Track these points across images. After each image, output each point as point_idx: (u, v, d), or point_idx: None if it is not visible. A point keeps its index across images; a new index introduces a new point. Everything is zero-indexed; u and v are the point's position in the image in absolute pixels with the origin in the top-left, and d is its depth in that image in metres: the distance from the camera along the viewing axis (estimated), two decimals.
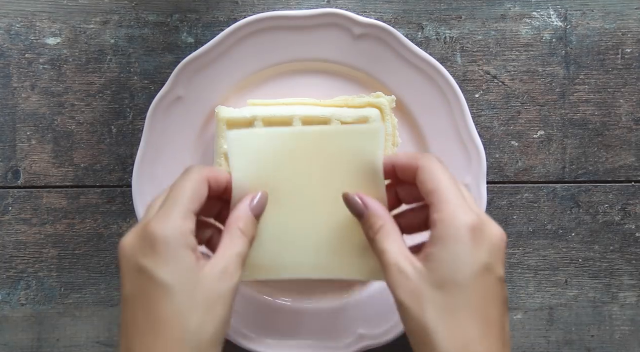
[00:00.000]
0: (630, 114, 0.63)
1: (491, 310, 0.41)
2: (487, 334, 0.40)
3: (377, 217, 0.44)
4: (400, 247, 0.43)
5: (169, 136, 0.60)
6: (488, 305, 0.41)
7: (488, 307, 0.41)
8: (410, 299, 0.41)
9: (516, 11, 0.63)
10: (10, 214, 0.63)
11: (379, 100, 0.59)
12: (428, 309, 0.40)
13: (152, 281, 0.41)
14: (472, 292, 0.40)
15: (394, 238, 0.43)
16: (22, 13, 0.63)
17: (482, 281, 0.40)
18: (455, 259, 0.40)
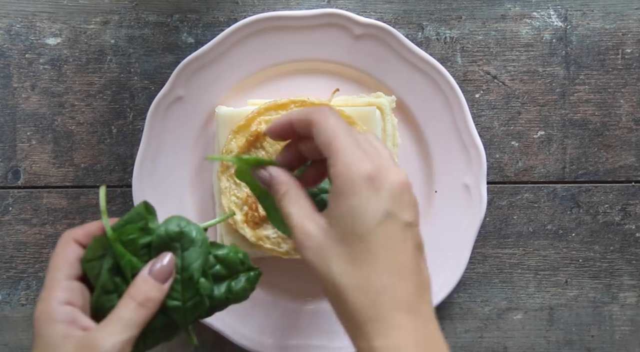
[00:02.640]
0: (630, 114, 0.63)
1: (400, 257, 0.40)
2: (399, 281, 0.40)
3: (280, 184, 0.43)
4: (303, 208, 0.42)
5: (169, 136, 0.60)
6: (395, 252, 0.40)
7: (396, 254, 0.40)
8: (315, 257, 0.41)
9: (516, 11, 0.63)
10: (10, 214, 0.63)
11: (379, 100, 0.59)
12: (333, 265, 0.40)
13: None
14: (375, 241, 0.40)
15: (297, 200, 0.42)
16: (22, 13, 0.63)
17: (385, 229, 0.40)
18: (353, 210, 0.40)
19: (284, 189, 0.43)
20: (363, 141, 0.43)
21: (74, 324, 0.42)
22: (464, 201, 0.60)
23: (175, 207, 0.61)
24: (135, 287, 0.43)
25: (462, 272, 0.60)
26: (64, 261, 0.44)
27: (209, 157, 0.54)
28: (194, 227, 0.45)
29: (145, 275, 0.43)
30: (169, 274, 0.44)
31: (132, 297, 0.43)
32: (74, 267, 0.44)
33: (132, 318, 0.42)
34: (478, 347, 0.63)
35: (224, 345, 0.62)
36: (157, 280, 0.43)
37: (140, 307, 0.42)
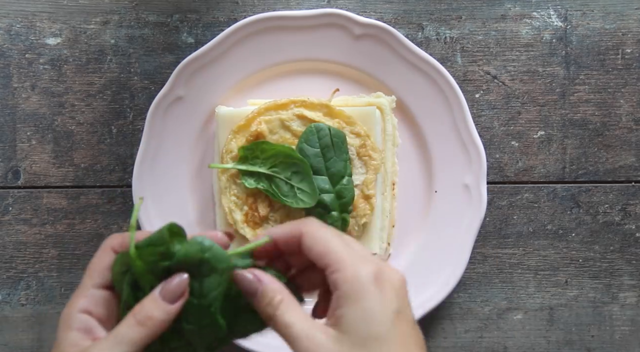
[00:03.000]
0: (630, 114, 0.63)
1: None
2: None
3: (274, 291, 0.42)
4: (305, 317, 0.41)
5: (169, 136, 0.60)
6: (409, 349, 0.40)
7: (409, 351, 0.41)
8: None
9: (516, 11, 0.63)
10: (10, 214, 0.63)
11: (379, 100, 0.59)
12: None
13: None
14: (392, 342, 0.40)
15: (296, 309, 0.41)
16: (22, 13, 0.63)
17: (398, 328, 0.40)
18: (369, 313, 0.40)
19: (279, 298, 0.42)
20: (352, 244, 0.43)
21: (88, 333, 0.42)
22: (464, 201, 0.60)
23: (175, 207, 0.61)
24: (141, 305, 0.42)
25: (462, 272, 0.60)
26: (96, 268, 0.43)
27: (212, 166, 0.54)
28: (217, 254, 0.42)
29: (155, 295, 0.42)
30: (178, 295, 0.42)
31: (133, 315, 0.42)
32: (105, 276, 0.43)
33: (128, 335, 0.41)
34: (478, 347, 0.63)
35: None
36: (164, 300, 0.42)
37: (138, 325, 0.42)
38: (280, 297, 0.42)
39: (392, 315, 0.40)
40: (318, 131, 0.57)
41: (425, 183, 0.62)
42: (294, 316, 0.41)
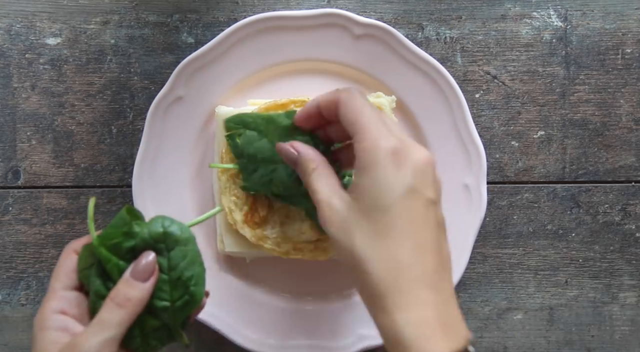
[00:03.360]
0: (630, 114, 0.63)
1: (423, 232, 0.40)
2: (421, 257, 0.40)
3: (309, 160, 0.44)
4: (330, 184, 0.43)
5: (169, 136, 0.60)
6: (417, 228, 0.40)
7: (418, 229, 0.40)
8: (339, 231, 0.41)
9: (516, 11, 0.63)
10: (10, 214, 0.63)
11: (379, 100, 0.59)
12: (356, 238, 0.40)
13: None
14: (397, 215, 0.40)
15: (325, 177, 0.43)
16: (22, 13, 0.63)
17: (408, 204, 0.40)
18: (377, 184, 0.40)
19: (312, 166, 0.44)
20: (388, 120, 0.43)
21: (66, 331, 0.43)
22: (464, 201, 0.60)
23: (175, 207, 0.61)
24: (116, 289, 0.44)
25: (462, 272, 0.60)
26: (62, 271, 0.45)
27: (212, 165, 0.55)
28: (177, 226, 0.45)
29: (126, 276, 0.44)
30: (149, 273, 0.44)
31: (111, 299, 0.44)
32: (71, 278, 0.45)
33: (111, 318, 0.43)
34: (478, 347, 0.63)
35: (224, 345, 0.62)
36: (137, 280, 0.44)
37: (118, 307, 0.43)
38: (314, 165, 0.44)
39: (403, 190, 0.40)
40: None
41: None
42: (322, 183, 0.43)
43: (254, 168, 0.53)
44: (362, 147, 0.41)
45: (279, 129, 0.51)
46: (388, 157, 0.40)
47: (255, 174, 0.53)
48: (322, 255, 0.58)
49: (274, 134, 0.52)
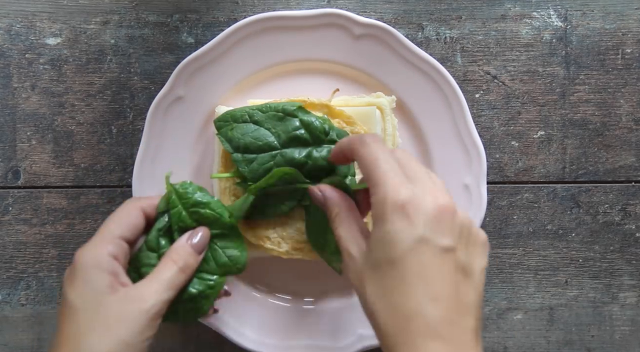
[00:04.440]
0: (630, 114, 0.63)
1: (434, 282, 0.39)
2: (430, 308, 0.39)
3: (334, 205, 0.46)
4: (352, 231, 0.44)
5: (169, 136, 0.60)
6: (428, 278, 0.39)
7: (428, 280, 0.39)
8: (355, 280, 0.42)
9: (516, 11, 0.63)
10: (10, 214, 0.63)
11: (379, 100, 0.59)
12: (368, 289, 0.41)
13: (65, 302, 0.45)
14: (406, 268, 0.39)
15: (348, 223, 0.44)
16: (22, 13, 0.63)
17: (417, 255, 0.39)
18: (386, 238, 0.40)
19: (336, 210, 0.45)
20: (406, 165, 0.43)
21: (116, 277, 0.45)
22: (464, 201, 0.60)
23: None
24: (177, 252, 0.47)
25: None
26: (126, 221, 0.47)
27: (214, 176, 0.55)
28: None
29: (184, 242, 0.48)
30: (204, 247, 0.49)
31: (174, 261, 0.47)
32: (131, 232, 0.47)
33: (173, 280, 0.46)
34: None
35: (224, 345, 0.62)
36: (195, 251, 0.48)
37: (180, 271, 0.47)
38: (337, 210, 0.45)
39: (411, 242, 0.39)
40: None
41: None
42: (344, 229, 0.44)
43: (251, 158, 0.54)
44: (374, 200, 0.41)
45: (277, 116, 0.53)
46: (396, 211, 0.40)
47: (254, 163, 0.54)
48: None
49: (272, 120, 0.53)
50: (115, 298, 0.44)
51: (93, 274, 0.44)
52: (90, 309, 0.43)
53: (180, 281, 0.47)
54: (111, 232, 0.46)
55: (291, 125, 0.54)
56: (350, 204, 0.46)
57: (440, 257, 0.40)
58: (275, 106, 0.55)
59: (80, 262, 0.45)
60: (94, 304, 0.44)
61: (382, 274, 0.40)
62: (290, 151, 0.54)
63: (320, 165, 0.54)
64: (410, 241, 0.40)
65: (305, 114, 0.54)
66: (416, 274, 0.39)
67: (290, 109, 0.54)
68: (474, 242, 0.42)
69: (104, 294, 0.44)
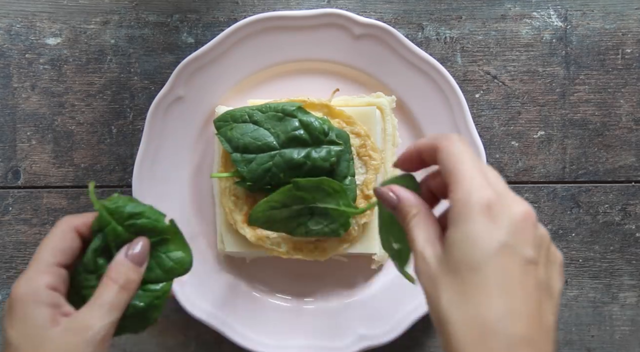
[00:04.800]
0: (630, 114, 0.63)
1: (516, 296, 0.36)
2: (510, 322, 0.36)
3: (410, 206, 0.42)
4: (427, 233, 0.40)
5: (169, 136, 0.60)
6: (511, 289, 0.36)
7: (511, 292, 0.36)
8: (427, 284, 0.39)
9: (516, 11, 0.63)
10: (10, 214, 0.63)
11: (379, 100, 0.59)
12: (442, 294, 0.37)
13: (6, 341, 0.42)
14: (488, 274, 0.36)
15: (424, 225, 0.41)
16: (22, 13, 0.63)
17: (501, 262, 0.36)
18: (468, 239, 0.37)
19: (413, 211, 0.42)
20: (487, 169, 0.40)
21: (57, 309, 0.43)
22: None
23: (175, 207, 0.61)
24: (116, 270, 0.45)
25: None
26: (60, 247, 0.45)
27: (214, 175, 0.55)
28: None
29: (122, 258, 0.45)
30: (144, 257, 0.46)
31: (113, 280, 0.44)
32: (66, 257, 0.45)
33: (116, 301, 0.44)
34: None
35: (224, 345, 0.62)
36: (135, 263, 0.45)
37: (122, 290, 0.44)
38: (415, 211, 0.42)
39: (496, 246, 0.36)
40: None
41: None
42: (420, 231, 0.41)
43: (250, 158, 0.54)
44: (455, 198, 0.38)
45: (277, 116, 0.53)
46: (481, 211, 0.37)
47: (252, 164, 0.54)
48: (322, 255, 0.58)
49: (272, 120, 0.53)
50: (58, 331, 0.42)
51: (32, 309, 0.42)
52: (32, 347, 0.41)
53: (123, 299, 0.44)
54: (46, 261, 0.44)
55: (290, 126, 0.54)
56: (426, 206, 0.42)
57: (523, 269, 0.37)
58: (275, 106, 0.55)
59: (17, 298, 0.42)
60: (36, 341, 0.41)
61: (461, 279, 0.37)
62: (289, 151, 0.54)
63: (319, 166, 0.54)
64: (494, 245, 0.37)
65: (304, 114, 0.54)
66: (499, 283, 0.36)
67: (290, 109, 0.54)
68: (553, 260, 0.40)
69: (45, 328, 0.42)
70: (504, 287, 0.36)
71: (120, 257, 0.45)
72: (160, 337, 0.63)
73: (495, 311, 0.36)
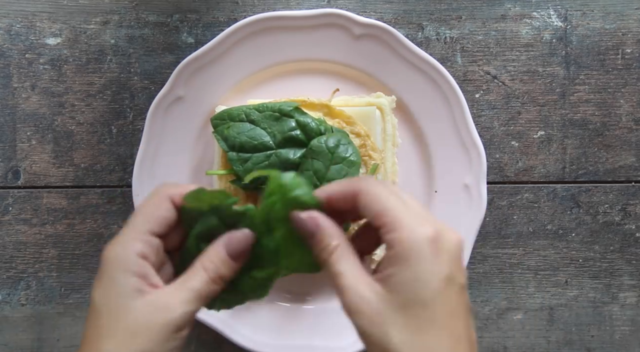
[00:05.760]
0: (630, 114, 0.63)
1: (458, 323, 0.39)
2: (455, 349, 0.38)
3: (331, 236, 0.41)
4: (357, 269, 0.40)
5: (169, 136, 0.60)
6: (454, 318, 0.39)
7: (454, 320, 0.39)
8: (371, 325, 0.39)
9: (516, 11, 0.63)
10: (10, 214, 0.63)
11: (379, 100, 0.59)
12: (392, 333, 0.38)
13: (91, 303, 0.41)
14: (437, 308, 0.38)
15: (350, 259, 0.40)
16: (22, 13, 0.63)
17: (447, 294, 0.38)
18: (418, 277, 0.38)
19: (334, 243, 0.41)
20: (410, 202, 0.41)
21: (145, 279, 0.41)
22: (464, 201, 0.60)
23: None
24: (209, 260, 0.42)
25: None
26: (155, 215, 0.42)
27: (209, 173, 0.55)
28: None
29: (220, 249, 0.42)
30: (243, 253, 0.43)
31: (205, 269, 0.42)
32: (161, 226, 0.43)
33: (203, 290, 0.42)
34: (478, 347, 0.63)
35: (224, 345, 0.62)
36: (232, 257, 0.42)
37: (211, 281, 0.42)
38: (336, 243, 0.41)
39: (442, 281, 0.38)
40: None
41: (425, 183, 0.62)
42: (347, 265, 0.40)
43: (246, 158, 0.54)
44: (397, 238, 0.39)
45: (274, 116, 0.53)
46: (428, 248, 0.38)
47: (248, 163, 0.53)
48: None
49: (268, 120, 0.53)
50: (141, 303, 0.40)
51: (119, 276, 0.41)
52: (114, 313, 0.40)
53: (210, 291, 0.42)
54: (139, 228, 0.42)
55: (287, 126, 0.54)
56: (346, 237, 0.41)
57: (461, 296, 0.39)
58: (272, 106, 0.55)
59: (107, 262, 0.41)
60: (118, 309, 0.40)
61: (412, 316, 0.38)
62: (285, 152, 0.54)
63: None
64: (440, 279, 0.38)
65: (301, 114, 0.54)
66: (447, 314, 0.38)
67: (287, 109, 0.54)
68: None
69: (130, 298, 0.40)
70: (449, 318, 0.38)
71: (219, 248, 0.43)
72: None
73: (445, 342, 0.38)
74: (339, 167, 0.53)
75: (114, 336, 0.40)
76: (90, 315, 0.41)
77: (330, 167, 0.53)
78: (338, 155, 0.54)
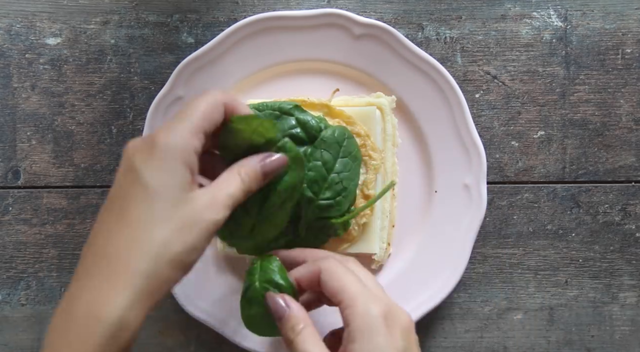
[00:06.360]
0: (630, 114, 0.63)
1: None
2: None
3: (298, 318, 0.45)
4: (321, 348, 0.44)
5: None
6: None
7: None
8: None
9: (516, 11, 0.63)
10: (10, 214, 0.63)
11: (379, 100, 0.59)
12: None
13: (138, 181, 0.39)
14: None
15: (315, 341, 0.44)
16: (22, 13, 0.63)
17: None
18: (377, 349, 0.41)
19: (301, 325, 0.44)
20: (366, 281, 0.45)
21: (193, 176, 0.41)
22: (464, 201, 0.60)
23: None
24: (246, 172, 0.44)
25: (462, 272, 0.60)
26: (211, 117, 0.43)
27: None
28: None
29: (255, 163, 0.44)
30: (272, 172, 0.45)
31: (242, 181, 0.43)
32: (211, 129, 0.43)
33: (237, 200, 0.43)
34: (478, 347, 0.63)
35: (224, 345, 0.62)
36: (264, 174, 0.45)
37: (242, 192, 0.43)
38: (302, 325, 0.44)
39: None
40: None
41: (425, 183, 0.62)
42: (311, 345, 0.44)
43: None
44: (354, 313, 0.43)
45: (274, 114, 0.54)
46: (381, 322, 0.42)
47: None
48: None
49: (269, 119, 0.54)
50: (192, 198, 0.40)
51: (179, 167, 0.40)
52: (172, 201, 0.39)
53: (239, 200, 0.43)
54: (197, 124, 0.41)
55: (287, 124, 0.54)
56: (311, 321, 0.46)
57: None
58: (272, 105, 0.55)
59: (165, 148, 0.40)
60: (178, 198, 0.39)
61: None
62: None
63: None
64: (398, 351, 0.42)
65: (301, 112, 0.54)
66: None
67: (287, 107, 0.54)
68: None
69: (184, 190, 0.40)
70: None
71: (254, 161, 0.44)
72: (160, 337, 0.63)
73: None
74: (345, 161, 0.54)
75: (168, 224, 0.39)
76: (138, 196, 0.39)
77: (338, 160, 0.54)
78: (346, 149, 0.54)
